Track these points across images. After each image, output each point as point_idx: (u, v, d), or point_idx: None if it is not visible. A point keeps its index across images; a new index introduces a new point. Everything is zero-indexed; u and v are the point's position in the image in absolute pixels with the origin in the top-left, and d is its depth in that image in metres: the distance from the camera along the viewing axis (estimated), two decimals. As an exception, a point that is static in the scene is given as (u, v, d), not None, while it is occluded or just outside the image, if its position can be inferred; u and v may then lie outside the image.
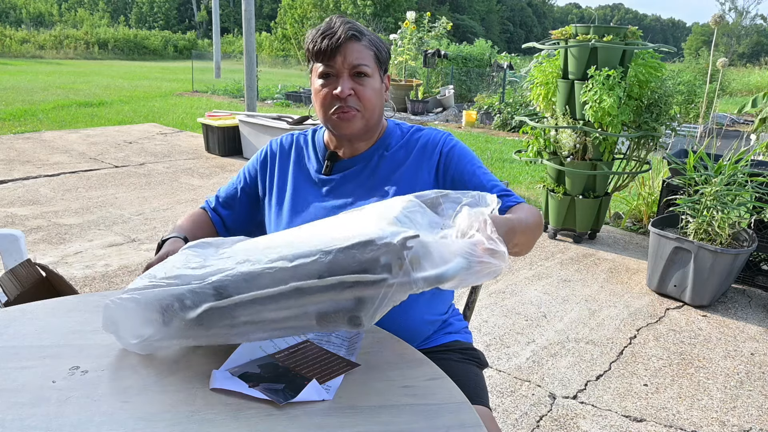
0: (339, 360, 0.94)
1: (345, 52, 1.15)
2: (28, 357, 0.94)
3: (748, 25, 48.08)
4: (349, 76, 1.17)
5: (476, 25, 44.80)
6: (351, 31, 1.16)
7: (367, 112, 1.20)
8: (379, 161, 1.25)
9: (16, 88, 12.22)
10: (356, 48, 1.16)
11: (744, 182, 2.97)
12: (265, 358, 0.93)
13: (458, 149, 1.26)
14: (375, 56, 1.19)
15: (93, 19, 39.92)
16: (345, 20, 1.18)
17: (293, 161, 1.32)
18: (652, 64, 3.68)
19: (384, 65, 1.23)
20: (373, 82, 1.19)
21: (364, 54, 1.17)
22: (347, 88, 1.16)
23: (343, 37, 1.15)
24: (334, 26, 1.16)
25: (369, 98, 1.19)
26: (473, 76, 12.89)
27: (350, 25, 1.17)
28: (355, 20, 1.23)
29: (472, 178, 1.22)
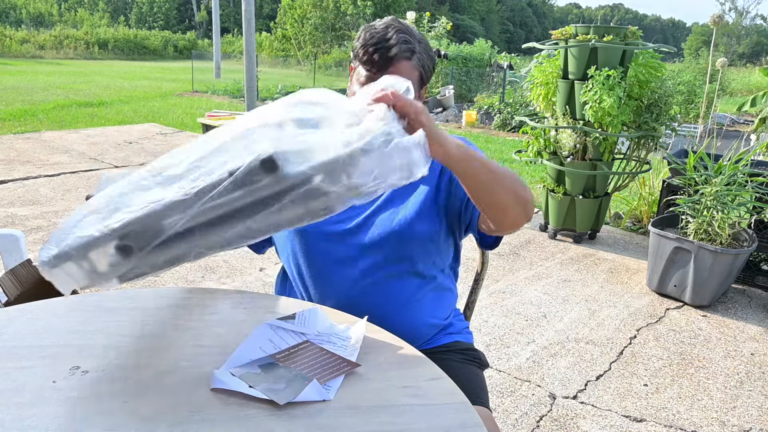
0: (339, 360, 0.94)
1: (392, 71, 1.13)
2: (28, 357, 0.94)
3: (748, 25, 48.08)
4: None
5: (476, 25, 44.81)
6: (406, 52, 1.13)
7: None
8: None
9: (16, 88, 12.22)
10: (406, 68, 1.14)
11: (744, 182, 2.97)
12: (265, 358, 0.93)
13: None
14: (420, 76, 1.18)
15: (93, 19, 39.93)
16: (402, 33, 1.14)
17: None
18: (652, 64, 3.68)
19: (425, 83, 1.22)
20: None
21: (411, 75, 1.15)
22: None
23: (396, 55, 1.13)
24: (390, 39, 1.13)
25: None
26: (473, 76, 12.90)
27: (405, 41, 1.14)
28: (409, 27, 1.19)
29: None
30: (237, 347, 0.96)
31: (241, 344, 0.96)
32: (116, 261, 0.84)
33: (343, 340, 1.01)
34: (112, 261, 0.84)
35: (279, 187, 0.77)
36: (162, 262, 0.85)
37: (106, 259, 0.84)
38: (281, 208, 0.79)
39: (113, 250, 0.83)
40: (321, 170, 0.77)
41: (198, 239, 0.83)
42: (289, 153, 0.77)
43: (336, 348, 0.98)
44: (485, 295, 3.12)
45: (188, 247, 0.84)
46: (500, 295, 3.13)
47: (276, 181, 0.77)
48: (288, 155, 0.77)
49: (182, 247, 0.83)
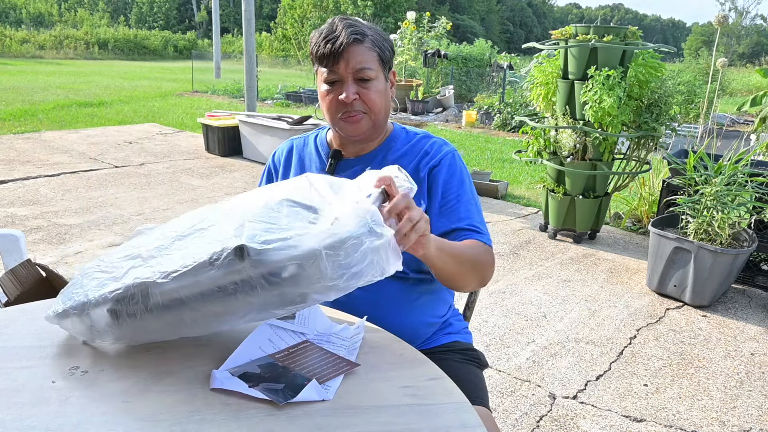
0: (339, 360, 0.94)
1: (348, 57, 1.15)
2: (28, 357, 0.94)
3: (748, 25, 48.08)
4: (353, 80, 1.17)
5: (476, 25, 44.80)
6: (353, 35, 1.15)
7: (374, 114, 1.20)
8: (382, 163, 1.25)
9: (16, 88, 12.22)
10: (359, 51, 1.15)
11: (744, 182, 2.97)
12: (264, 358, 0.93)
13: (453, 168, 1.25)
14: (378, 57, 1.19)
15: (93, 19, 39.92)
16: (347, 22, 1.17)
17: (295, 164, 1.33)
18: (652, 64, 3.68)
19: (388, 63, 1.23)
20: (378, 83, 1.19)
21: (367, 57, 1.16)
22: (352, 93, 1.16)
23: (345, 41, 1.14)
24: (336, 30, 1.15)
25: (374, 101, 1.19)
26: (473, 76, 12.90)
27: (352, 28, 1.16)
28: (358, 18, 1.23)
29: (454, 202, 1.22)
30: (236, 347, 0.96)
31: (241, 344, 0.96)
32: (110, 323, 0.92)
33: (343, 340, 1.01)
34: (108, 322, 0.92)
35: (253, 273, 0.82)
36: (155, 329, 0.92)
37: (104, 320, 0.92)
38: (256, 294, 0.84)
39: (107, 313, 0.91)
40: (295, 262, 0.81)
41: (183, 312, 0.88)
42: (267, 242, 0.82)
43: (335, 348, 0.98)
44: (485, 295, 3.12)
45: (176, 320, 0.90)
46: (500, 295, 3.13)
47: (251, 266, 0.82)
48: (265, 244, 0.82)
49: (170, 318, 0.89)
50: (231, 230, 0.87)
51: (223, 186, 5.14)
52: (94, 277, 0.97)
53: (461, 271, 1.10)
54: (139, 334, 0.94)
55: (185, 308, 0.88)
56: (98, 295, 0.92)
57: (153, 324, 0.91)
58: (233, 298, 0.85)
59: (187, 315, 0.89)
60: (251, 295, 0.84)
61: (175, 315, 0.90)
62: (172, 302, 0.88)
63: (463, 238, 1.17)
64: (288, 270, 0.81)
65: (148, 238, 1.01)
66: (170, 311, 0.89)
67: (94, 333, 0.95)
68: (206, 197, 4.74)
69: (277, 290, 0.83)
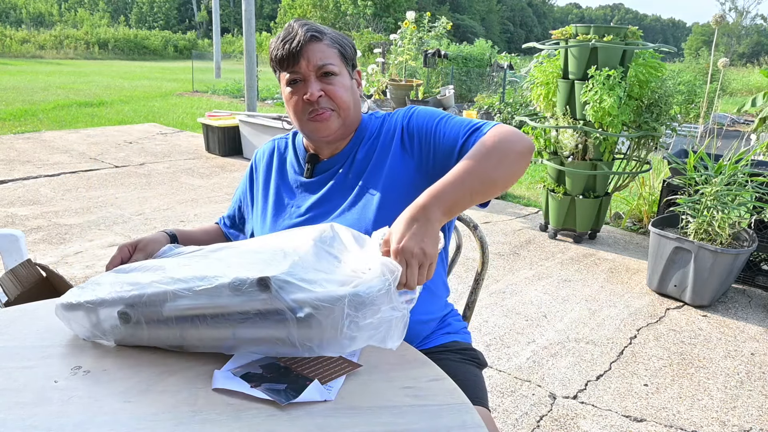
0: (340, 360, 0.94)
1: (308, 55, 1.13)
2: (29, 357, 0.94)
3: (748, 25, 48.09)
4: (316, 78, 1.14)
5: (476, 25, 44.80)
6: (310, 32, 1.13)
7: (342, 111, 1.17)
8: (356, 156, 1.23)
9: (16, 88, 12.22)
10: (319, 48, 1.13)
11: (744, 182, 2.97)
12: (266, 358, 0.93)
13: (417, 115, 1.21)
14: (339, 53, 1.17)
15: (93, 19, 39.92)
16: (303, 22, 1.16)
17: (276, 167, 1.31)
18: (653, 64, 3.68)
19: (351, 61, 1.20)
20: (342, 79, 1.17)
21: (328, 53, 1.15)
22: (317, 90, 1.14)
23: (303, 39, 1.12)
24: (292, 31, 1.14)
25: (341, 96, 1.16)
26: (473, 76, 12.89)
27: (308, 26, 1.14)
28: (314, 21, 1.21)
29: (438, 137, 1.16)
30: None
31: None
32: (116, 325, 0.94)
33: None
34: (114, 324, 0.95)
35: (269, 306, 0.85)
36: (157, 338, 0.95)
37: (110, 320, 0.95)
38: (266, 327, 0.87)
39: (116, 314, 0.94)
40: (315, 304, 0.83)
41: (190, 328, 0.91)
42: (292, 280, 0.85)
43: None
44: (485, 295, 3.12)
45: (180, 334, 0.92)
46: (500, 295, 3.13)
47: (269, 300, 0.85)
48: (286, 283, 0.85)
49: (175, 331, 0.92)
50: (257, 261, 0.91)
51: (223, 186, 5.14)
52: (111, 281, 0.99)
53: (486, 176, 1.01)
54: (140, 340, 0.96)
55: (193, 326, 0.91)
56: (114, 296, 0.93)
57: (156, 333, 0.94)
58: (242, 326, 0.88)
59: (192, 332, 0.92)
60: (261, 328, 0.87)
61: (181, 330, 0.92)
62: (182, 317, 0.91)
63: (468, 148, 1.10)
64: (304, 311, 0.84)
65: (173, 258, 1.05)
66: (178, 325, 0.92)
67: (96, 331, 0.97)
68: (206, 197, 4.74)
69: (287, 329, 0.86)
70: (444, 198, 0.97)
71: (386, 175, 1.18)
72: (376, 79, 10.84)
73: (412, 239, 0.90)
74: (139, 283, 0.95)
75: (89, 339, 0.99)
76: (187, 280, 0.91)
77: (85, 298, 0.96)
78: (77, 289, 1.00)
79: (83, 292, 0.98)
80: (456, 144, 1.13)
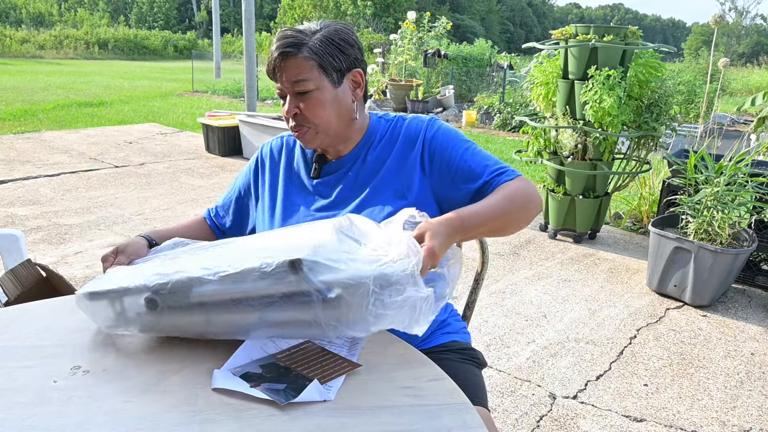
0: (340, 360, 0.94)
1: (282, 72, 1.14)
2: (29, 357, 0.94)
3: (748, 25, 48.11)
4: (293, 94, 1.15)
5: (476, 25, 44.81)
6: (283, 48, 1.12)
7: (321, 126, 1.17)
8: (365, 159, 1.23)
9: (16, 88, 12.22)
10: (292, 64, 1.12)
11: (744, 182, 2.97)
12: (266, 358, 0.93)
13: (441, 134, 1.21)
14: (318, 65, 1.13)
15: (93, 19, 39.92)
16: (283, 34, 1.14)
17: (283, 165, 1.31)
18: (652, 64, 3.68)
19: (337, 69, 1.15)
20: (319, 93, 1.14)
21: (303, 67, 1.12)
22: (292, 107, 1.16)
23: (276, 58, 1.13)
24: (276, 49, 1.14)
25: (315, 113, 1.15)
26: (473, 76, 12.89)
27: (284, 41, 1.12)
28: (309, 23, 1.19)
29: (461, 164, 1.18)
30: (238, 347, 0.96)
31: (243, 344, 0.96)
32: (142, 312, 0.95)
33: (344, 341, 1.01)
34: (140, 311, 0.95)
35: (297, 288, 0.86)
36: (182, 325, 0.96)
37: (136, 308, 0.95)
38: (293, 309, 0.88)
39: (143, 301, 0.94)
40: (343, 285, 0.85)
41: (216, 314, 0.93)
42: (318, 262, 0.86)
43: (337, 348, 0.98)
44: (485, 295, 3.12)
45: (206, 319, 0.93)
46: (500, 295, 3.13)
47: (297, 282, 0.86)
48: (315, 263, 0.86)
49: (201, 318, 0.93)
50: (281, 246, 0.92)
51: (223, 186, 5.14)
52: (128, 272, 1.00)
53: (500, 220, 1.08)
54: (166, 327, 0.96)
55: (219, 311, 0.92)
56: (139, 284, 0.94)
57: (184, 320, 0.94)
58: (269, 310, 0.89)
59: (218, 318, 0.93)
60: (288, 310, 0.88)
61: (207, 316, 0.93)
62: (209, 303, 0.91)
63: (492, 188, 1.15)
64: (334, 291, 0.84)
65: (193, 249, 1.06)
66: (204, 311, 0.92)
67: (120, 320, 0.97)
68: (206, 197, 4.74)
69: (314, 310, 0.86)
70: (473, 225, 1.04)
71: (398, 181, 1.19)
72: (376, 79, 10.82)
73: (443, 248, 0.95)
74: (163, 272, 0.95)
75: (111, 330, 0.99)
76: (211, 267, 0.92)
77: (110, 287, 0.96)
78: (96, 280, 1.01)
79: (104, 283, 0.98)
80: (480, 178, 1.17)
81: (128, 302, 0.95)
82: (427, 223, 0.97)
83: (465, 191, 1.17)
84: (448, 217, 1.00)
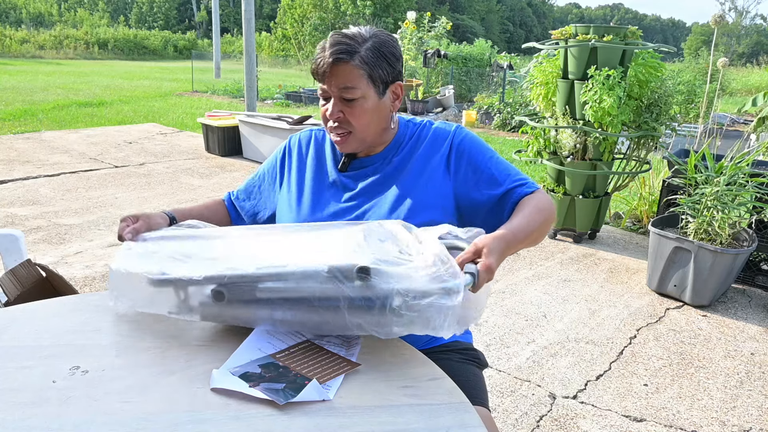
0: (339, 360, 0.94)
1: (332, 77, 1.16)
2: (28, 357, 0.94)
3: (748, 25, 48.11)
4: (338, 98, 1.18)
5: (476, 25, 44.82)
6: (336, 54, 1.14)
7: (360, 133, 1.21)
8: (393, 159, 1.27)
9: (16, 88, 12.22)
10: (344, 71, 1.15)
11: (744, 182, 2.97)
12: (265, 357, 0.93)
13: (468, 141, 1.27)
14: (367, 75, 1.17)
15: (93, 19, 39.93)
16: (336, 39, 1.17)
17: (312, 157, 1.34)
18: (652, 64, 3.68)
19: (383, 80, 1.20)
20: (364, 102, 1.18)
21: (353, 75, 1.16)
22: (336, 111, 1.19)
23: (328, 62, 1.15)
24: (325, 49, 1.17)
25: (358, 120, 1.19)
26: (473, 76, 12.89)
27: (338, 47, 1.15)
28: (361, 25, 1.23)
29: (485, 170, 1.24)
30: (237, 347, 0.96)
31: (242, 344, 0.96)
32: (207, 302, 0.98)
33: (343, 341, 1.01)
34: (204, 301, 0.98)
35: (363, 294, 0.90)
36: (244, 317, 0.99)
37: (200, 297, 0.98)
38: (357, 311, 0.92)
39: (209, 292, 0.97)
40: (407, 294, 0.89)
41: (279, 310, 0.97)
42: (382, 271, 0.91)
43: (336, 348, 0.98)
44: (485, 295, 3.11)
45: (269, 314, 0.97)
46: (500, 295, 3.13)
47: (364, 288, 0.90)
48: (381, 271, 0.91)
49: (264, 312, 0.97)
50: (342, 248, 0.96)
51: (223, 186, 5.14)
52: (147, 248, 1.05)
53: (537, 233, 1.15)
54: (228, 318, 1.00)
55: (282, 308, 0.96)
56: (206, 274, 0.97)
57: (247, 312, 0.98)
58: (329, 312, 0.93)
59: (281, 313, 0.97)
60: (349, 312, 0.91)
61: (272, 310, 0.97)
62: (275, 298, 0.95)
63: (514, 198, 1.21)
64: (396, 301, 0.89)
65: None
66: (269, 305, 0.96)
67: (182, 307, 1.00)
68: (206, 197, 4.74)
69: (370, 316, 0.91)
70: (520, 240, 1.08)
71: (423, 182, 1.24)
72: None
73: (498, 263, 0.99)
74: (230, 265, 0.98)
75: (172, 314, 1.01)
76: (276, 265, 0.96)
77: (176, 275, 0.99)
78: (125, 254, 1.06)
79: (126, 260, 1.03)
80: (501, 186, 1.22)
81: (193, 291, 0.98)
82: (483, 238, 1.01)
83: (488, 196, 1.23)
84: (502, 233, 1.04)
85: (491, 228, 1.25)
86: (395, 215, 1.21)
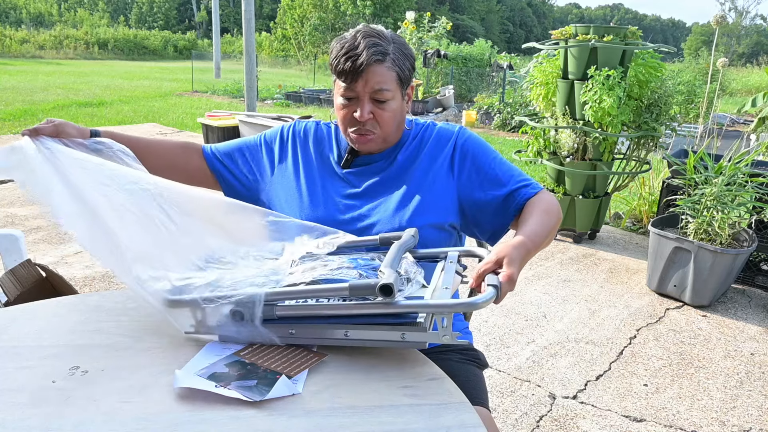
0: (305, 352, 0.95)
1: (367, 77, 1.13)
2: (28, 357, 0.94)
3: (748, 25, 48.12)
4: (369, 99, 1.16)
5: (476, 25, 44.83)
6: (375, 55, 1.12)
7: (384, 134, 1.21)
8: (396, 158, 1.27)
9: (16, 88, 12.23)
10: (378, 72, 1.14)
11: (744, 182, 2.97)
12: (229, 356, 0.94)
13: (472, 142, 1.27)
14: (397, 77, 1.17)
15: (93, 19, 39.94)
16: (371, 40, 1.14)
17: (313, 149, 1.33)
18: (652, 64, 3.68)
19: (407, 82, 1.21)
20: (393, 103, 1.18)
21: (386, 77, 1.15)
22: (367, 113, 1.17)
23: (367, 61, 1.12)
24: (358, 47, 1.12)
25: (387, 121, 1.19)
26: (473, 76, 12.90)
27: (375, 47, 1.13)
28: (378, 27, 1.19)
29: (489, 171, 1.24)
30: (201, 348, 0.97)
31: (204, 346, 0.98)
32: (225, 321, 0.97)
33: None
34: (222, 320, 0.97)
35: (386, 310, 0.90)
36: (261, 336, 0.97)
37: (217, 317, 0.98)
38: (379, 327, 0.92)
39: (228, 312, 0.96)
40: (427, 311, 0.91)
41: (300, 327, 0.96)
42: (405, 289, 0.94)
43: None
44: (485, 295, 3.11)
45: (290, 331, 0.96)
46: (500, 295, 3.13)
47: (386, 305, 0.90)
48: (403, 290, 0.93)
49: (284, 329, 0.96)
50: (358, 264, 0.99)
51: (223, 186, 5.13)
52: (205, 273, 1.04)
53: (550, 236, 1.16)
54: (244, 337, 0.98)
55: (304, 325, 0.95)
56: (219, 294, 0.96)
57: (264, 331, 0.96)
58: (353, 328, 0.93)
59: (302, 330, 0.96)
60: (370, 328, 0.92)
61: (293, 327, 0.96)
62: (296, 315, 0.95)
63: (518, 199, 1.21)
64: (420, 317, 0.90)
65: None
66: (290, 323, 0.95)
67: (200, 327, 0.99)
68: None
69: (387, 332, 0.91)
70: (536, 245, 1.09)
71: (428, 184, 1.24)
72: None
73: (519, 271, 1.00)
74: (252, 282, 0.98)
75: (192, 333, 1.00)
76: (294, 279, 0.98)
77: (191, 296, 0.97)
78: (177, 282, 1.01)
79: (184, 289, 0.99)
80: (505, 186, 1.23)
81: (210, 311, 0.97)
82: (503, 248, 1.01)
83: (492, 197, 1.23)
84: (520, 241, 1.04)
85: (495, 229, 1.25)
86: (400, 215, 1.20)
